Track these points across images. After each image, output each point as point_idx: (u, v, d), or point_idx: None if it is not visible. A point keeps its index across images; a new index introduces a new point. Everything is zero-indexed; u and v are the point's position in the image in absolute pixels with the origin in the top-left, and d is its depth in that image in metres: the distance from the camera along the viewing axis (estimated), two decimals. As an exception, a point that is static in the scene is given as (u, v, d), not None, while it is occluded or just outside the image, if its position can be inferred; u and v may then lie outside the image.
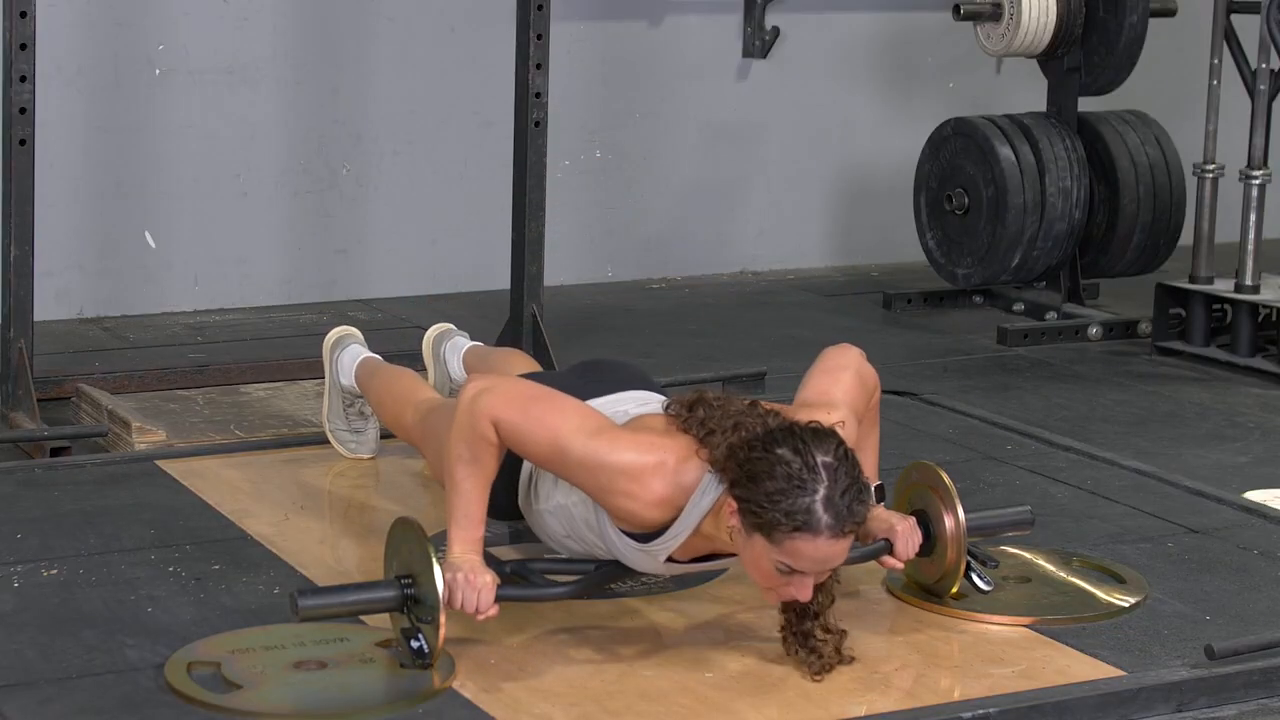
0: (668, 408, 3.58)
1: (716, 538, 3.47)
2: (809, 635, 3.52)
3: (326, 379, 4.60)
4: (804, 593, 3.41)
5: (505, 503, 3.80)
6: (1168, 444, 5.40)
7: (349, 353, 4.56)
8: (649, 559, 3.56)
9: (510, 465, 3.68)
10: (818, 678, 3.48)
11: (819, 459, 3.33)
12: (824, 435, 3.37)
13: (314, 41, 6.69)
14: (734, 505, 3.37)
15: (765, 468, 3.33)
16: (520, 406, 3.50)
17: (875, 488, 3.81)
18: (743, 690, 3.43)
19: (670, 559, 3.56)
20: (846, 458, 3.36)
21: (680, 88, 7.28)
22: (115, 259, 6.51)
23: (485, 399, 3.50)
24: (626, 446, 3.46)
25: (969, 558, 3.78)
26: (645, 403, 3.76)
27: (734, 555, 3.50)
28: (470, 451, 3.50)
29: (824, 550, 3.34)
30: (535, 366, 4.61)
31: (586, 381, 3.86)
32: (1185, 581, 4.01)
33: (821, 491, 3.31)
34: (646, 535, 3.51)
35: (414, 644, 3.41)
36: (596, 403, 3.72)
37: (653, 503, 3.45)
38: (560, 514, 3.69)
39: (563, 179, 6.93)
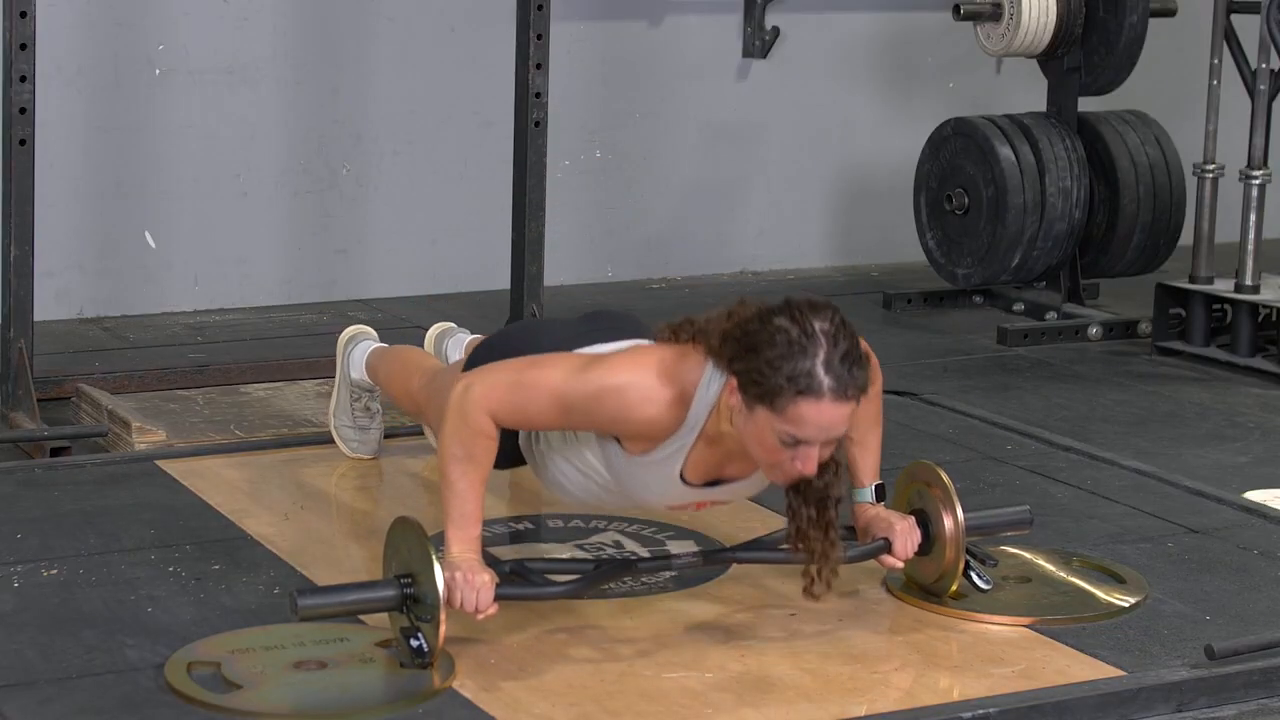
0: (656, 335, 3.61)
1: (724, 441, 3.47)
2: (827, 525, 3.51)
3: (337, 374, 4.61)
4: (809, 465, 3.40)
5: (508, 448, 3.78)
6: (1168, 444, 5.40)
7: (361, 347, 4.57)
8: (664, 471, 3.54)
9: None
10: (814, 593, 3.51)
11: (816, 326, 3.35)
12: (819, 306, 3.39)
13: (314, 41, 6.69)
14: (734, 382, 3.37)
15: (764, 337, 3.35)
16: (507, 385, 3.51)
17: (876, 487, 3.81)
18: (743, 690, 3.43)
19: (684, 480, 3.55)
20: (844, 325, 3.37)
21: (680, 88, 7.28)
22: (115, 259, 6.51)
23: (472, 394, 3.49)
24: (621, 365, 3.49)
25: (968, 556, 3.78)
26: None
27: (743, 479, 3.51)
28: (464, 449, 3.49)
29: (828, 414, 3.34)
30: None
31: (590, 330, 3.85)
32: (1185, 581, 4.01)
33: (821, 355, 3.32)
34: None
35: (413, 643, 3.41)
36: (603, 348, 3.72)
37: (664, 404, 3.45)
38: (566, 451, 3.69)
39: (563, 179, 6.93)
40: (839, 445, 3.48)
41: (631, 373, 3.48)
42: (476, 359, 3.90)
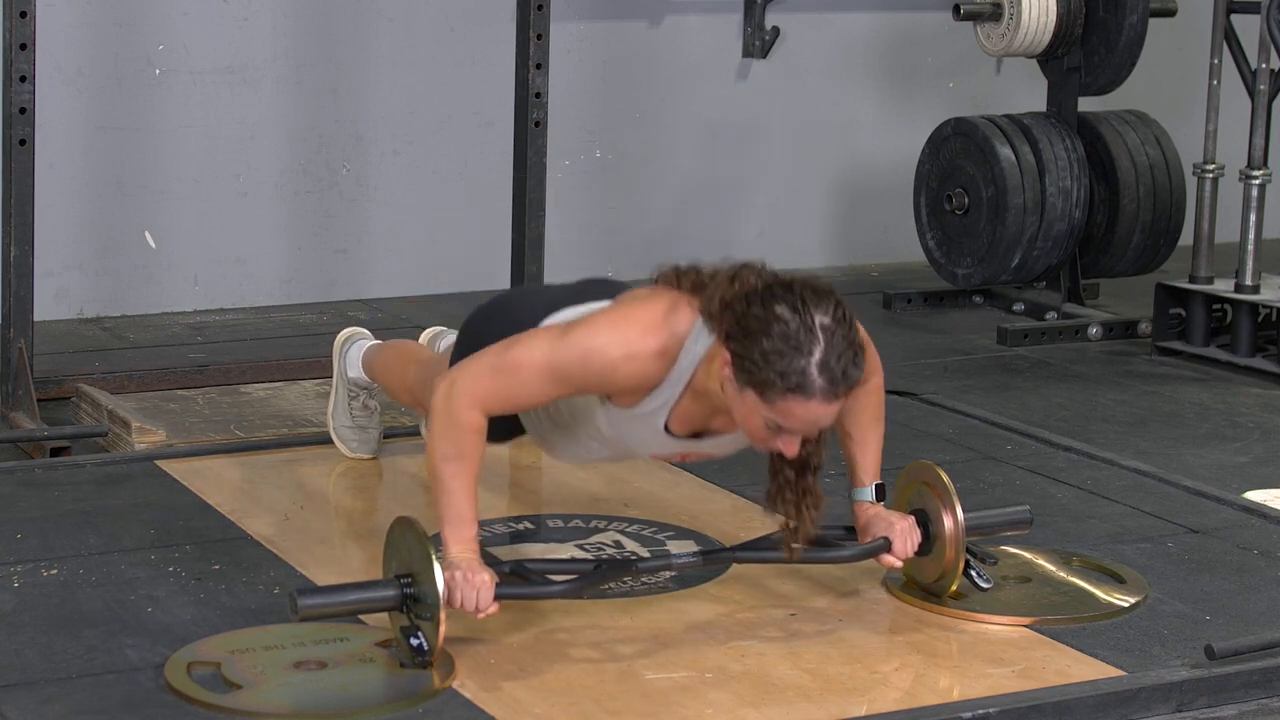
0: (656, 278, 3.59)
1: (709, 395, 3.47)
2: (805, 490, 3.54)
3: (335, 374, 4.61)
4: (790, 449, 3.42)
5: (505, 418, 3.78)
6: (1168, 444, 5.40)
7: (357, 346, 4.58)
8: (648, 426, 3.55)
9: None
10: (794, 549, 3.54)
11: (817, 320, 3.33)
12: (822, 294, 3.37)
13: (314, 41, 6.69)
14: (728, 358, 3.37)
15: (762, 325, 3.33)
16: (491, 374, 3.49)
17: (876, 486, 3.81)
18: (743, 690, 3.43)
19: (669, 431, 3.55)
20: (844, 319, 3.36)
21: (680, 88, 7.28)
22: (115, 259, 6.51)
23: (457, 390, 3.49)
24: (602, 324, 3.48)
25: (968, 556, 3.78)
26: None
27: (727, 434, 3.53)
28: (455, 448, 3.48)
29: (815, 412, 3.35)
30: None
31: (583, 292, 3.84)
32: (1185, 581, 4.01)
33: (817, 354, 3.31)
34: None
35: (413, 642, 3.41)
36: (592, 306, 3.72)
37: (648, 357, 3.44)
38: (566, 413, 3.69)
39: (563, 179, 6.94)
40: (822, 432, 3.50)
41: (613, 329, 3.47)
42: (471, 327, 3.92)
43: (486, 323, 3.92)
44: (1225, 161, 6.48)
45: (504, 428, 3.80)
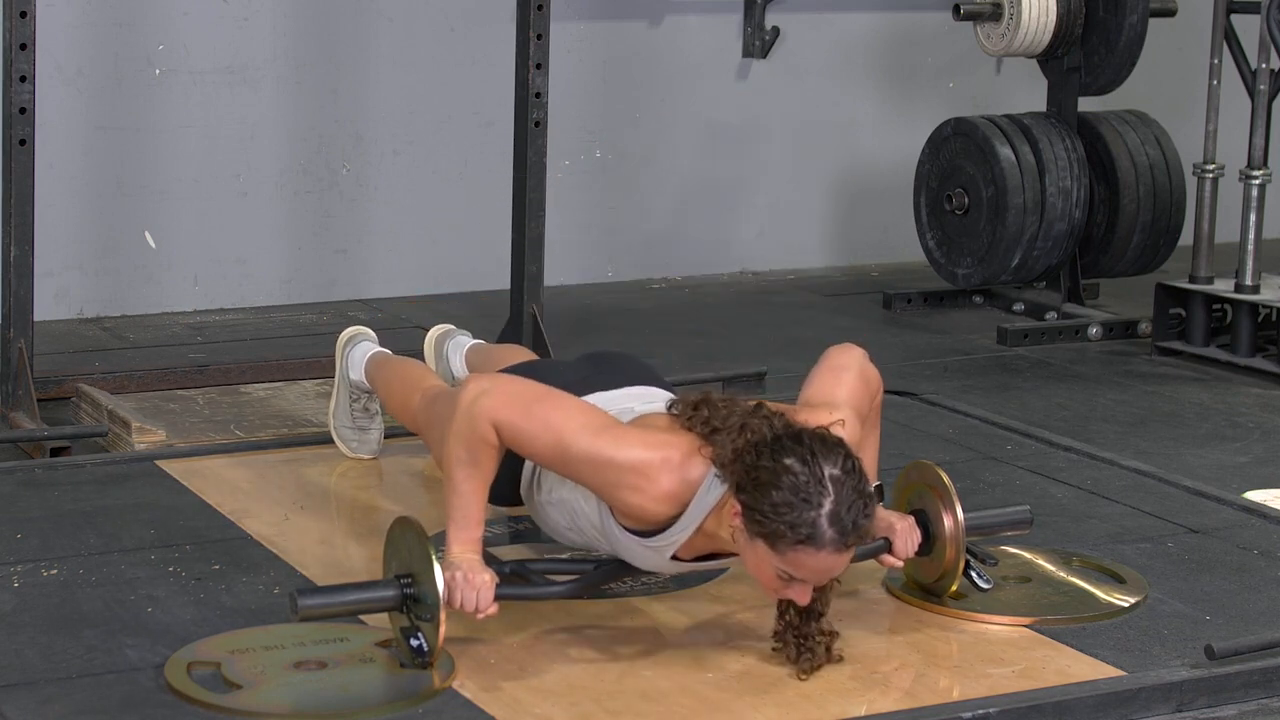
0: (671, 406, 3.58)
1: (719, 536, 3.47)
2: (806, 635, 3.52)
3: (336, 374, 4.60)
4: (803, 597, 3.42)
5: (507, 492, 3.80)
6: (1168, 444, 5.40)
7: (360, 348, 4.57)
8: (654, 555, 3.55)
9: (513, 454, 3.67)
10: (804, 676, 3.49)
11: (826, 472, 3.32)
12: (831, 445, 3.36)
13: (314, 41, 6.69)
14: (738, 508, 3.37)
15: (771, 478, 3.32)
16: (522, 407, 3.49)
17: (875, 488, 3.81)
18: (743, 690, 3.43)
19: (675, 557, 3.56)
20: (853, 470, 3.35)
21: (680, 88, 7.28)
22: (115, 259, 6.51)
23: (485, 401, 3.49)
24: (632, 443, 3.46)
25: (968, 556, 3.78)
26: (651, 400, 3.76)
27: (735, 555, 3.51)
28: (470, 454, 3.49)
29: (826, 563, 3.35)
30: None
31: (593, 374, 3.86)
32: (1185, 581, 4.01)
33: (828, 506, 3.31)
34: (650, 532, 3.51)
35: (413, 642, 3.41)
36: (602, 397, 3.73)
37: (659, 497, 3.45)
38: (562, 507, 3.69)
39: (563, 179, 6.93)
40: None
41: (640, 455, 3.44)
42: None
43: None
44: (1225, 161, 6.48)
45: (504, 498, 3.83)
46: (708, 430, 3.46)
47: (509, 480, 3.77)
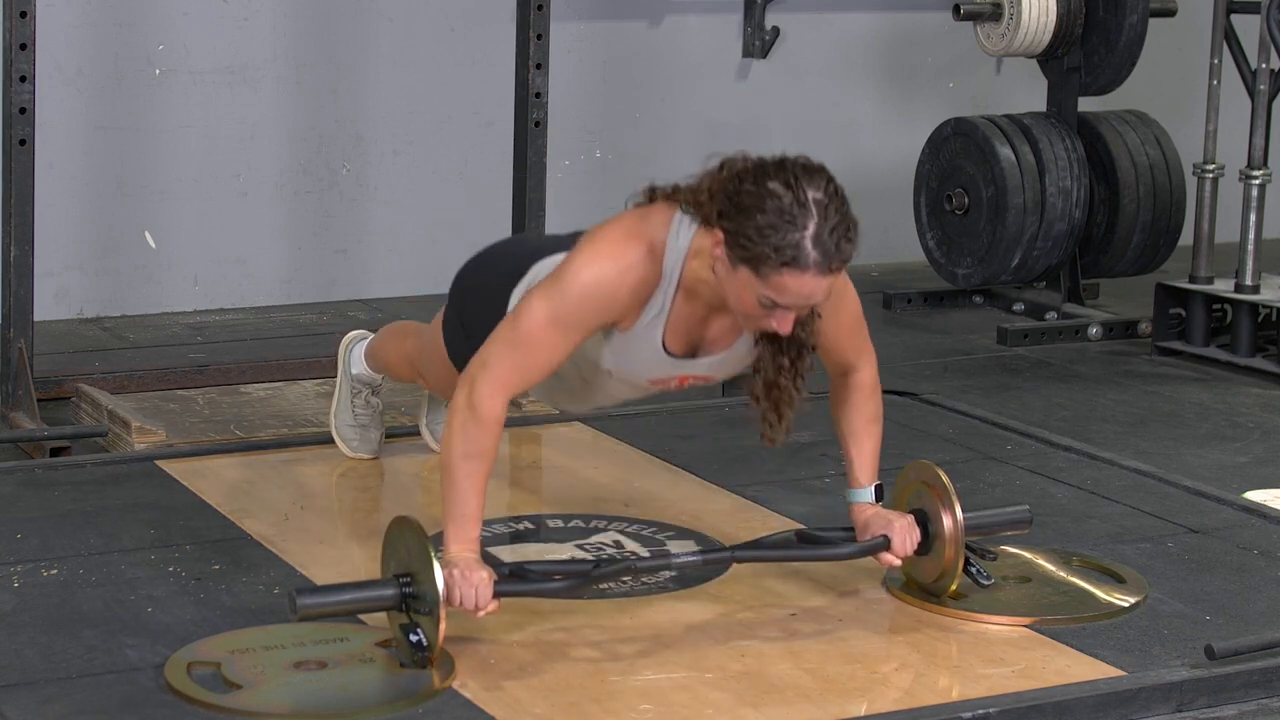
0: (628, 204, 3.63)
1: (702, 294, 3.49)
2: (783, 379, 3.54)
3: (338, 374, 4.61)
4: (784, 326, 3.43)
5: None
6: (1168, 444, 5.40)
7: (361, 345, 4.58)
8: (647, 344, 3.57)
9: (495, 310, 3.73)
10: (773, 439, 3.52)
11: (810, 195, 3.35)
12: (814, 171, 3.39)
13: (314, 41, 6.69)
14: (720, 237, 3.39)
15: (755, 201, 3.34)
16: (507, 353, 3.51)
17: (875, 488, 3.81)
18: (743, 690, 3.43)
19: (666, 349, 3.57)
20: (837, 194, 3.38)
21: (680, 88, 7.28)
22: (115, 259, 6.51)
23: (479, 386, 3.49)
24: (584, 259, 3.50)
25: (968, 553, 3.78)
26: None
27: (723, 351, 3.56)
28: (473, 445, 3.48)
29: (809, 286, 3.36)
30: None
31: (564, 240, 3.87)
32: (1185, 581, 4.01)
33: (811, 228, 3.33)
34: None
35: (413, 638, 3.40)
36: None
37: (639, 263, 3.47)
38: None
39: (563, 179, 6.93)
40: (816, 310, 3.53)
41: (596, 255, 3.50)
42: (459, 286, 4.02)
43: (474, 277, 3.99)
44: (1225, 161, 6.48)
45: None
46: (669, 192, 3.52)
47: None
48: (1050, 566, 4.03)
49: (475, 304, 3.93)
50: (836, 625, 3.71)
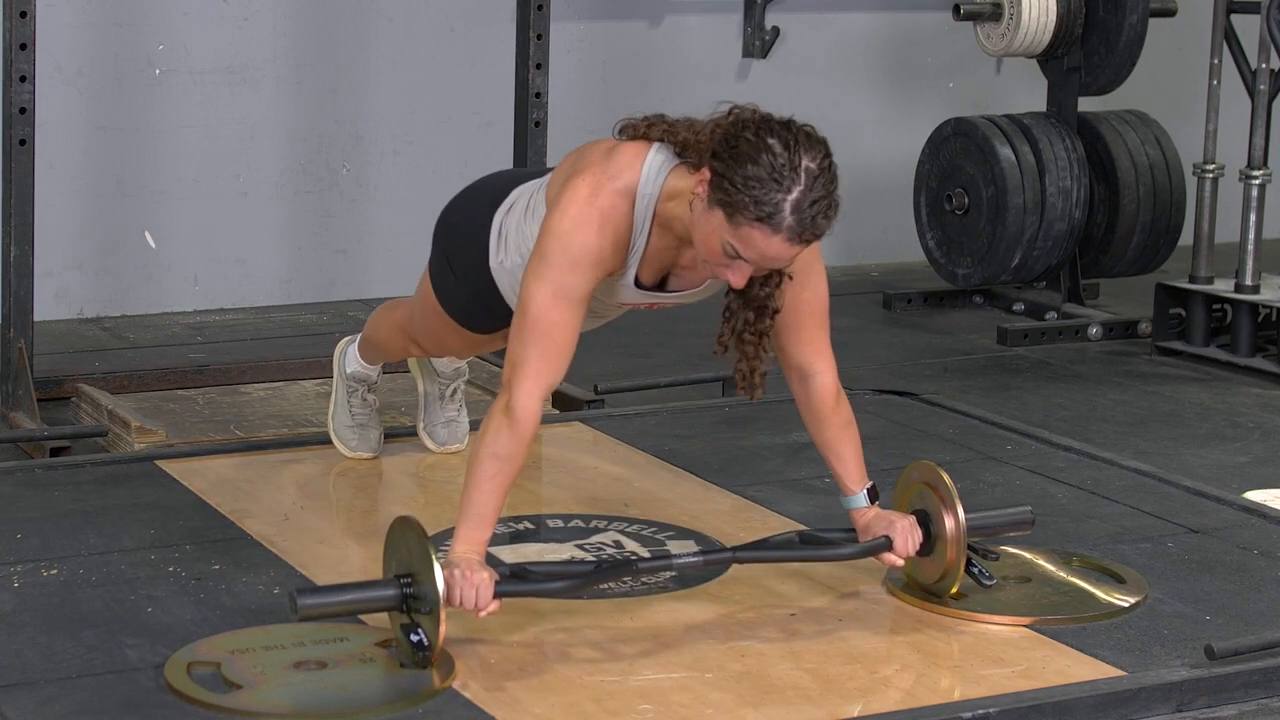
0: (621, 131, 3.70)
1: (675, 229, 3.52)
2: (748, 335, 3.57)
3: (334, 376, 4.60)
4: (737, 279, 3.45)
5: (502, 310, 3.87)
6: (1168, 444, 5.40)
7: (354, 345, 4.58)
8: (620, 284, 3.61)
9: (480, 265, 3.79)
10: (747, 392, 3.56)
11: (804, 162, 3.37)
12: (816, 142, 3.41)
13: (314, 41, 6.69)
14: (708, 175, 3.41)
15: (751, 150, 3.37)
16: (530, 348, 3.51)
17: (868, 490, 3.80)
18: (743, 690, 3.43)
19: (639, 284, 3.61)
20: (829, 170, 3.40)
21: (680, 88, 7.28)
22: (115, 259, 6.51)
23: (517, 396, 3.48)
24: (564, 217, 3.53)
25: (970, 553, 3.78)
26: None
27: (697, 288, 3.61)
28: (506, 448, 3.48)
29: (775, 248, 3.39)
30: None
31: (521, 174, 3.92)
32: (1185, 581, 4.01)
33: (795, 193, 3.35)
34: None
35: (414, 638, 3.40)
36: (546, 178, 3.84)
37: (610, 218, 3.51)
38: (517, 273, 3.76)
39: (563, 179, 6.93)
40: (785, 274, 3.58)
41: (574, 226, 3.52)
42: (443, 224, 4.05)
43: (455, 214, 4.05)
44: (1225, 161, 6.48)
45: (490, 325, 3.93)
46: (664, 131, 3.55)
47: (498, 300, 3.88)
48: (1050, 567, 4.03)
49: (458, 239, 3.99)
50: (837, 625, 3.71)
